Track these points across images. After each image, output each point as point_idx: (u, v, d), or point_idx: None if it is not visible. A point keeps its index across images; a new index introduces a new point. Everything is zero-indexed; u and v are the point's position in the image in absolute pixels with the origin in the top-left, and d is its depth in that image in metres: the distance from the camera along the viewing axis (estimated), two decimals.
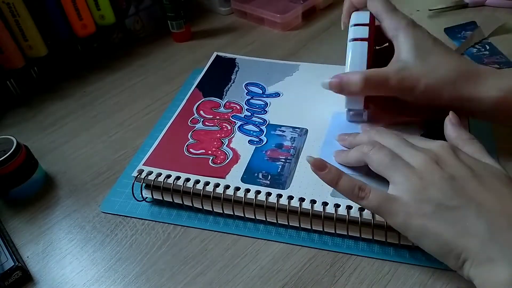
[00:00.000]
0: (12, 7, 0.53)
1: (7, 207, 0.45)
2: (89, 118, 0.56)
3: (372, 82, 0.39)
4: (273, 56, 0.60)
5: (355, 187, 0.33)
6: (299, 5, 0.69)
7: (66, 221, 0.43)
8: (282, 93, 0.51)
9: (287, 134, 0.45)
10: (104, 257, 0.39)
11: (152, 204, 0.43)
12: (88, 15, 0.61)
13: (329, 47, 0.63)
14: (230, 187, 0.40)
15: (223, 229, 0.40)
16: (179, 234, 0.40)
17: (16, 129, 0.56)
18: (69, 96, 0.60)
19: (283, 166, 0.41)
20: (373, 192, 0.33)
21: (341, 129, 0.44)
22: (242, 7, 0.72)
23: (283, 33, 0.68)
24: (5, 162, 0.42)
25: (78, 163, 0.50)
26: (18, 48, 0.57)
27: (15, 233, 0.42)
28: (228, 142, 0.45)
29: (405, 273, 0.35)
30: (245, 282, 0.36)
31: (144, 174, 0.41)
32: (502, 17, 0.64)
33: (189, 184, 0.40)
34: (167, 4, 0.65)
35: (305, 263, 0.36)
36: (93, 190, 0.46)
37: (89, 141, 0.52)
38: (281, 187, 0.39)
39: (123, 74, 0.64)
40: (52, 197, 0.46)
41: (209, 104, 0.50)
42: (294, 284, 0.35)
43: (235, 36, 0.69)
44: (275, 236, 0.39)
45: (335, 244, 0.37)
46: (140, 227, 0.41)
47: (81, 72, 0.65)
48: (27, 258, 0.40)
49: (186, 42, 0.69)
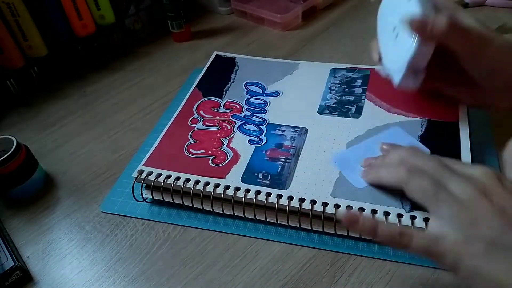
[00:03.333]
0: (12, 7, 0.54)
1: (7, 207, 0.45)
2: (89, 118, 0.56)
3: (457, 29, 0.37)
4: (273, 56, 0.60)
5: (396, 235, 0.30)
6: (299, 5, 0.69)
7: (66, 221, 0.43)
8: (282, 92, 0.51)
9: (287, 134, 0.45)
10: (104, 257, 0.39)
11: (152, 204, 0.43)
12: (88, 15, 0.61)
13: (329, 47, 0.63)
14: (230, 188, 0.39)
15: (223, 229, 0.40)
16: (179, 234, 0.40)
17: (16, 129, 0.56)
18: (69, 96, 0.61)
19: (283, 166, 0.41)
20: (416, 236, 0.30)
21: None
22: (242, 7, 0.72)
23: (283, 33, 0.68)
24: (5, 162, 0.42)
25: (78, 163, 0.50)
26: (18, 48, 0.57)
27: (15, 233, 0.42)
28: (228, 142, 0.45)
29: (405, 273, 0.35)
30: (245, 282, 0.36)
31: (144, 174, 0.41)
32: (502, 17, 0.64)
33: (189, 184, 0.40)
34: (167, 4, 0.65)
35: (305, 263, 0.36)
36: (93, 190, 0.46)
37: (89, 141, 0.52)
38: (281, 187, 0.39)
39: (123, 74, 0.64)
40: (52, 197, 0.46)
41: (209, 104, 0.50)
42: (294, 284, 0.35)
43: (235, 36, 0.69)
44: (275, 236, 0.39)
45: (335, 244, 0.37)
46: (140, 227, 0.41)
47: (81, 72, 0.65)
48: (27, 258, 0.40)
49: (186, 42, 0.69)
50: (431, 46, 0.38)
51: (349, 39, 0.64)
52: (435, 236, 0.30)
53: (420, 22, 0.37)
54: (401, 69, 0.40)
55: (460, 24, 0.38)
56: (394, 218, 0.35)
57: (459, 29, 0.37)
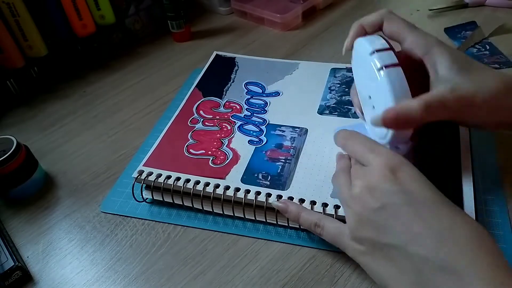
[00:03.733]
0: (12, 7, 0.53)
1: (7, 207, 0.45)
2: (89, 118, 0.56)
3: (432, 107, 0.33)
4: (273, 56, 0.60)
5: (311, 224, 0.35)
6: (299, 5, 0.69)
7: (66, 221, 0.43)
8: (282, 92, 0.51)
9: (287, 134, 0.45)
10: (104, 257, 0.39)
11: (152, 204, 0.43)
12: (88, 15, 0.61)
13: (329, 47, 0.63)
14: (230, 188, 0.40)
15: (223, 229, 0.40)
16: (179, 234, 0.40)
17: (16, 129, 0.56)
18: (69, 96, 0.61)
19: (283, 166, 0.41)
20: (326, 228, 0.35)
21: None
22: (242, 7, 0.72)
23: (283, 33, 0.68)
24: (5, 162, 0.42)
25: (78, 163, 0.50)
26: (18, 48, 0.57)
27: (15, 233, 0.42)
28: (228, 143, 0.45)
29: None
30: (245, 282, 0.36)
31: (145, 175, 0.41)
32: (502, 17, 0.64)
33: (189, 185, 0.40)
34: (167, 4, 0.65)
35: (305, 263, 0.36)
36: (93, 190, 0.46)
37: (89, 141, 0.52)
38: (281, 188, 0.39)
39: (123, 74, 0.64)
40: (52, 197, 0.46)
41: (209, 104, 0.50)
42: (294, 284, 0.35)
43: (235, 36, 0.69)
44: (275, 236, 0.39)
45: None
46: (140, 227, 0.41)
47: (81, 72, 0.65)
48: (27, 258, 0.40)
49: (186, 42, 0.69)
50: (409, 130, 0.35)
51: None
52: (339, 231, 0.34)
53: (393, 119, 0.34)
54: (383, 142, 0.37)
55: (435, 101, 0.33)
56: None
57: (434, 106, 0.33)
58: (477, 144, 0.43)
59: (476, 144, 0.42)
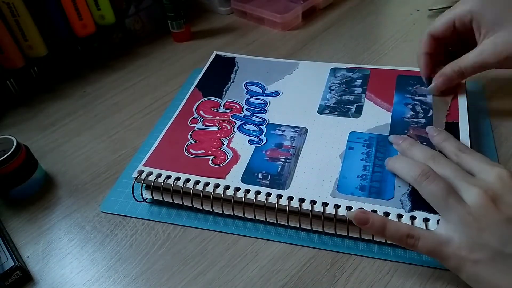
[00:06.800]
0: (12, 7, 0.53)
1: (7, 207, 0.45)
2: (89, 118, 0.56)
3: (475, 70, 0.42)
4: (273, 56, 0.60)
5: (403, 236, 0.32)
6: (299, 5, 0.69)
7: (66, 221, 0.43)
8: (281, 92, 0.51)
9: (287, 134, 0.45)
10: (104, 257, 0.39)
11: (152, 204, 0.43)
12: (88, 15, 0.61)
13: (329, 47, 0.63)
14: (230, 188, 0.40)
15: (223, 229, 0.40)
16: (179, 234, 0.40)
17: (16, 129, 0.56)
18: (69, 96, 0.61)
19: (283, 166, 0.41)
20: (422, 238, 0.31)
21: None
22: (242, 7, 0.72)
23: (283, 33, 0.68)
24: (5, 162, 0.42)
25: (78, 163, 0.50)
26: (18, 48, 0.57)
27: (15, 233, 0.42)
28: (228, 142, 0.45)
29: (405, 273, 0.35)
30: (245, 282, 0.36)
31: (144, 175, 0.41)
32: None
33: (189, 184, 0.40)
34: (167, 4, 0.65)
35: (305, 263, 0.36)
36: (93, 190, 0.46)
37: (89, 141, 0.52)
38: (281, 187, 0.39)
39: (123, 74, 0.64)
40: (52, 197, 0.46)
41: (209, 104, 0.50)
42: (294, 284, 0.35)
43: (235, 36, 0.69)
44: (275, 236, 0.39)
45: (335, 244, 0.37)
46: (140, 227, 0.41)
47: (81, 72, 0.65)
48: (27, 258, 0.40)
49: (186, 42, 0.69)
50: None
51: (349, 39, 0.64)
52: (441, 239, 0.31)
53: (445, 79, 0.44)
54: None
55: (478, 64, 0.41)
56: (394, 218, 0.35)
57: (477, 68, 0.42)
58: (477, 144, 0.43)
59: (476, 144, 0.42)
